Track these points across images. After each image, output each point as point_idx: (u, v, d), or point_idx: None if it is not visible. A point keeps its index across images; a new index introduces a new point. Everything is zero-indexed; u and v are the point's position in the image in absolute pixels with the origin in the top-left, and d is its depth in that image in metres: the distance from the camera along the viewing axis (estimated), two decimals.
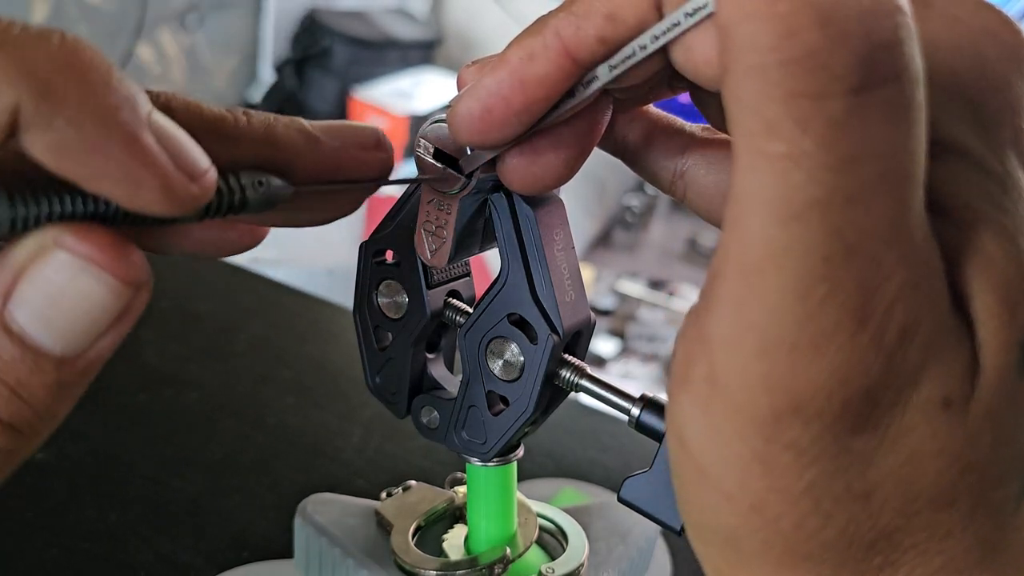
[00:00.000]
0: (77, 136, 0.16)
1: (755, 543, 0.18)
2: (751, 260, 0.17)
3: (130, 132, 0.17)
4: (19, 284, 0.17)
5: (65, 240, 0.17)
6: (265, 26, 2.10)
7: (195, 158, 0.18)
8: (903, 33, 0.16)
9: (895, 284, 0.16)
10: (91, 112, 0.16)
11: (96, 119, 0.16)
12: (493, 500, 0.32)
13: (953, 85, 0.18)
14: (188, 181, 0.18)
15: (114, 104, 0.17)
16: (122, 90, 0.17)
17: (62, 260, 0.17)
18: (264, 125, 0.21)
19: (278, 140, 0.22)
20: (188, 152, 0.18)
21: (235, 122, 0.21)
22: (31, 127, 0.16)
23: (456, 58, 2.54)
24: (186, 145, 0.18)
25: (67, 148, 0.16)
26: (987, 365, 0.17)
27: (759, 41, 0.16)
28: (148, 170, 0.17)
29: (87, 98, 0.16)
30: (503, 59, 0.21)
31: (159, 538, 0.45)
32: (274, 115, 0.22)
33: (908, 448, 0.17)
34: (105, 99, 0.16)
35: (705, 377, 0.18)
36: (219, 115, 0.21)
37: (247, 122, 0.21)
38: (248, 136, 0.21)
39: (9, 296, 0.17)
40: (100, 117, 0.16)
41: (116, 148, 0.17)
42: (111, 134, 0.16)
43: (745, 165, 0.16)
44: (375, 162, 0.24)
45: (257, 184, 0.20)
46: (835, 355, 0.16)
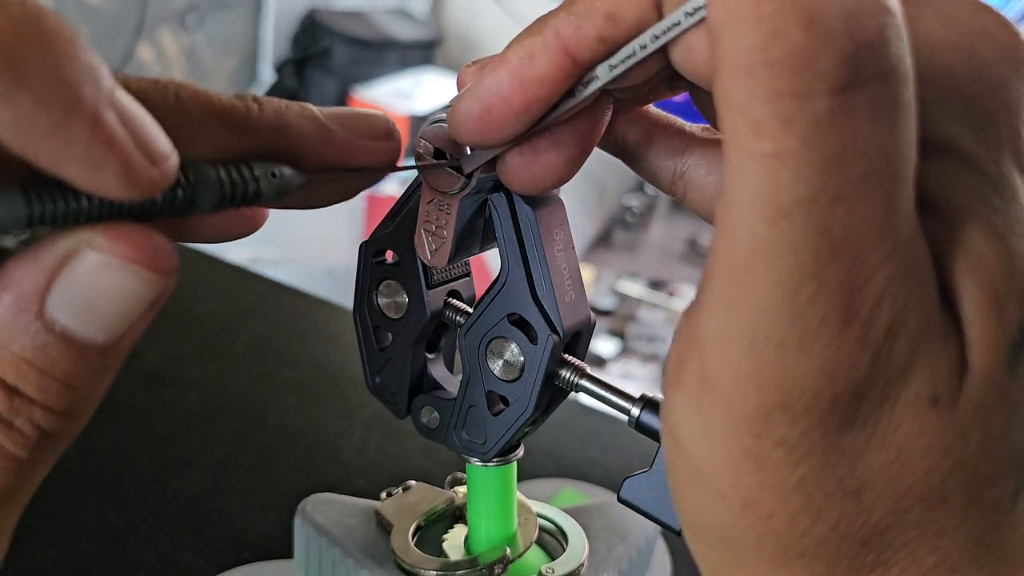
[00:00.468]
0: (40, 112, 0.15)
1: (749, 541, 0.19)
2: (740, 258, 0.17)
3: (93, 109, 0.16)
4: (55, 285, 0.17)
5: (96, 241, 0.17)
6: (265, 26, 2.10)
7: (157, 141, 0.17)
8: (889, 33, 0.16)
9: (882, 281, 0.16)
10: (56, 86, 0.15)
11: (61, 94, 0.15)
12: (493, 500, 0.32)
13: (950, 85, 0.18)
14: (149, 165, 0.17)
15: (78, 78, 0.16)
16: (86, 62, 0.16)
17: (95, 260, 0.17)
18: (276, 114, 0.21)
19: (289, 129, 0.21)
20: (150, 134, 0.17)
21: (246, 111, 0.21)
22: None
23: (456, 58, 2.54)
24: (148, 126, 0.17)
25: (30, 126, 0.15)
26: (975, 363, 0.17)
27: (746, 42, 0.16)
28: (109, 151, 0.16)
29: (52, 71, 0.15)
30: (503, 59, 0.21)
31: (159, 538, 0.45)
32: (286, 102, 0.21)
33: (897, 444, 0.17)
34: (71, 72, 0.15)
35: (697, 374, 0.18)
36: (229, 104, 0.20)
37: (259, 111, 0.21)
38: (260, 125, 0.21)
39: (46, 297, 0.17)
40: (64, 92, 0.15)
41: (78, 126, 0.16)
42: (75, 111, 0.16)
43: (734, 165, 0.17)
44: (384, 151, 0.23)
45: (271, 175, 0.20)
46: (822, 352, 0.17)
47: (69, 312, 0.18)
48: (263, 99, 0.21)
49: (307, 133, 0.22)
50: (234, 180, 0.20)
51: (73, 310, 0.18)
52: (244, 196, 0.20)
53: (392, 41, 2.28)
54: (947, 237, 0.18)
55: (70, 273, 0.17)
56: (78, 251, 0.17)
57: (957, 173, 0.18)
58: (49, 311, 0.17)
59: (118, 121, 0.16)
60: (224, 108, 0.20)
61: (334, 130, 0.22)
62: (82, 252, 0.17)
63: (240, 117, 0.20)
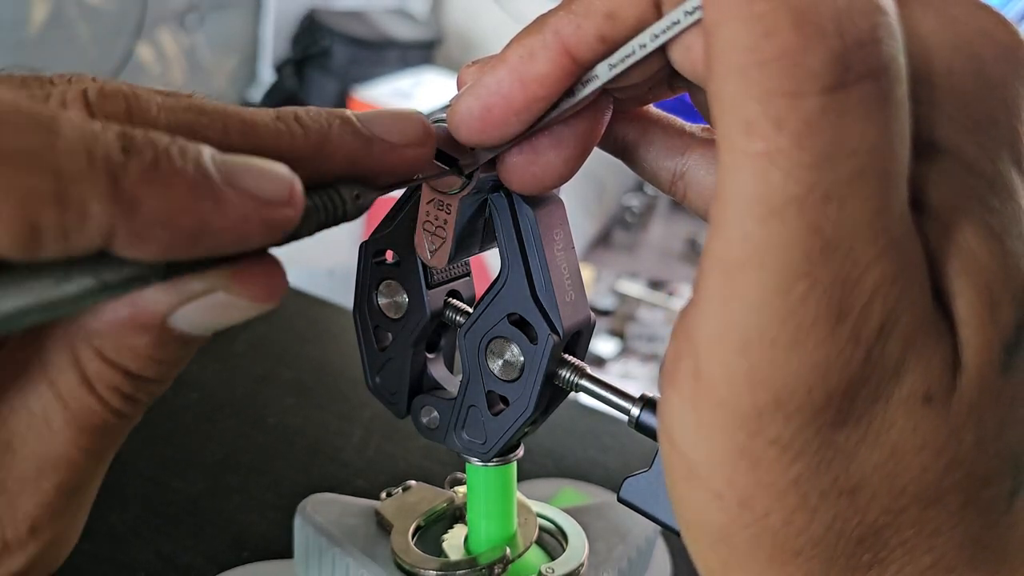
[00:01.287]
0: (178, 239, 0.17)
1: (745, 540, 0.19)
2: (732, 258, 0.17)
3: (217, 202, 0.17)
4: (185, 307, 0.19)
5: (231, 287, 0.19)
6: (265, 26, 2.10)
7: (280, 186, 0.19)
8: (881, 32, 0.16)
9: (873, 279, 0.16)
10: (183, 214, 0.17)
11: (189, 218, 0.17)
12: (493, 500, 0.32)
13: (948, 85, 0.18)
14: (281, 206, 0.19)
15: (197, 196, 0.17)
16: (193, 169, 0.17)
17: (223, 299, 0.20)
18: (319, 134, 0.21)
19: (332, 148, 0.21)
20: (272, 184, 0.19)
21: (291, 137, 0.20)
22: (131, 244, 0.17)
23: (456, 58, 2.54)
24: (267, 176, 0.19)
25: (172, 249, 0.17)
26: (969, 362, 0.17)
27: (738, 41, 0.16)
28: (247, 225, 0.18)
29: (175, 203, 0.17)
30: (503, 58, 0.21)
31: (159, 538, 0.45)
32: (327, 118, 0.21)
33: (891, 443, 0.17)
34: (190, 195, 0.17)
35: (691, 374, 0.18)
36: (275, 131, 0.20)
37: (303, 135, 0.21)
38: (305, 151, 0.21)
39: (174, 312, 0.20)
40: (193, 216, 0.17)
41: (214, 227, 0.18)
42: (207, 222, 0.17)
43: (726, 164, 0.17)
44: (421, 157, 0.23)
45: (355, 197, 0.22)
46: (815, 350, 0.17)
47: (190, 324, 0.20)
48: (305, 118, 0.21)
49: (349, 149, 0.21)
50: (327, 206, 0.21)
51: (195, 324, 0.20)
52: (334, 218, 0.21)
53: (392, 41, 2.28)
54: (941, 237, 0.18)
55: (198, 304, 0.19)
56: (212, 291, 0.19)
57: (953, 173, 0.18)
58: (173, 323, 0.20)
59: (240, 197, 0.18)
60: (270, 135, 0.20)
61: (374, 141, 0.22)
62: (215, 292, 0.19)
63: (287, 147, 0.20)
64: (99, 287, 0.17)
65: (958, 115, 0.18)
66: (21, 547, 0.21)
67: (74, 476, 0.21)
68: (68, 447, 0.21)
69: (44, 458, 0.21)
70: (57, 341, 0.20)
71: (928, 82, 0.18)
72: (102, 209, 0.16)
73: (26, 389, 0.20)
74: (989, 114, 0.18)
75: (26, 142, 0.15)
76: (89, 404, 0.20)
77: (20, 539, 0.21)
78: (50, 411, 0.20)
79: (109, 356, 0.20)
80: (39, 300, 0.16)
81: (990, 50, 0.18)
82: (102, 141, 0.16)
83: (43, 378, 0.20)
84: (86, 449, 0.21)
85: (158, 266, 0.18)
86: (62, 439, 0.20)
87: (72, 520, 0.22)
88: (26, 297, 0.16)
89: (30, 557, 0.21)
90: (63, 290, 0.17)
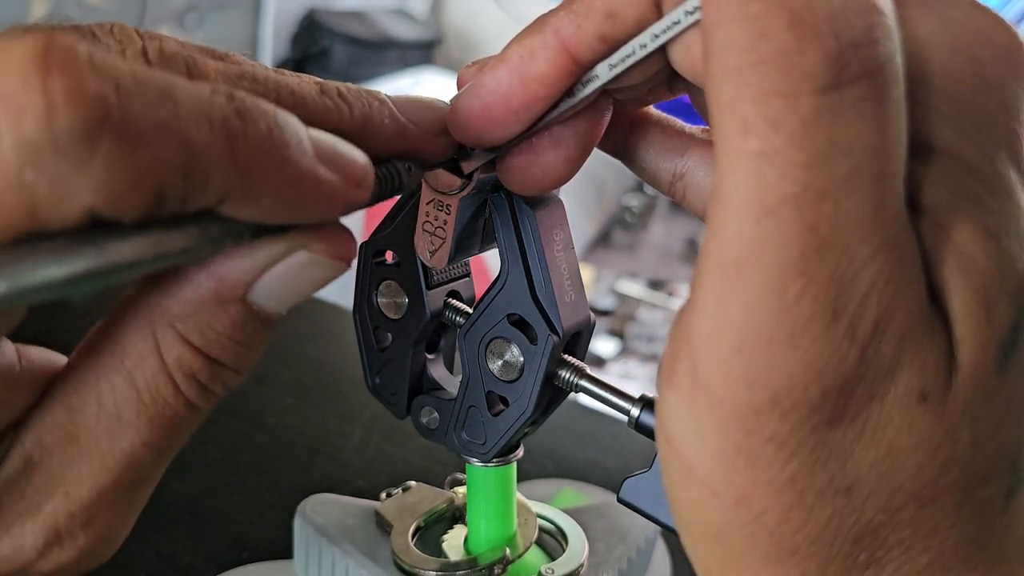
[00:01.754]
0: (278, 205, 0.18)
1: (742, 539, 0.19)
2: (729, 257, 0.17)
3: (313, 181, 0.18)
4: (264, 277, 0.20)
5: (313, 244, 0.20)
6: (264, 26, 2.10)
7: (357, 167, 0.20)
8: (877, 32, 0.16)
9: (868, 278, 0.16)
10: (286, 185, 0.18)
11: (291, 189, 0.18)
12: (493, 500, 0.32)
13: (947, 86, 0.18)
14: (358, 189, 0.20)
15: (300, 169, 0.18)
16: (298, 144, 0.18)
17: (305, 258, 0.20)
18: (363, 115, 0.22)
19: (373, 128, 0.22)
20: (352, 165, 0.20)
21: (339, 114, 0.21)
22: (238, 206, 0.18)
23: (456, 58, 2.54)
24: (349, 157, 0.20)
25: (270, 214, 0.18)
26: (964, 361, 0.17)
27: (734, 42, 0.16)
28: (333, 200, 0.19)
29: (282, 173, 0.18)
30: (503, 57, 0.21)
31: (159, 538, 0.45)
32: (367, 98, 0.22)
33: (887, 441, 0.17)
34: (297, 168, 0.18)
35: (688, 373, 0.18)
36: (324, 107, 0.21)
37: (349, 113, 0.21)
38: (349, 128, 0.21)
39: (253, 285, 0.20)
40: (294, 187, 0.18)
41: (308, 201, 0.19)
42: (303, 193, 0.18)
43: (723, 164, 0.17)
44: (447, 147, 0.24)
45: (408, 169, 0.23)
46: (810, 348, 0.17)
47: (268, 296, 0.20)
48: (349, 96, 0.22)
49: (388, 132, 0.22)
50: (386, 176, 0.22)
51: (273, 295, 0.20)
52: (391, 190, 0.22)
53: (392, 41, 2.28)
54: (937, 236, 0.18)
55: (280, 268, 0.20)
56: (292, 251, 0.20)
57: (950, 173, 0.18)
58: (252, 297, 0.20)
59: (328, 172, 0.19)
60: (319, 111, 0.21)
61: (409, 127, 0.23)
62: (296, 252, 0.20)
63: (335, 123, 0.21)
64: (203, 241, 0.18)
65: (956, 116, 0.18)
66: (73, 539, 0.21)
67: (135, 472, 0.21)
68: (135, 442, 0.21)
69: (108, 453, 0.21)
70: (138, 328, 0.20)
71: (926, 83, 0.18)
72: (221, 175, 0.17)
73: (100, 381, 0.21)
74: (988, 115, 0.18)
75: (155, 115, 0.16)
76: (165, 395, 0.21)
77: (73, 532, 0.21)
78: (122, 403, 0.20)
79: (191, 339, 0.20)
80: (147, 253, 0.17)
81: (989, 52, 0.18)
82: (217, 107, 0.17)
83: (119, 368, 0.20)
84: (153, 445, 0.21)
85: (248, 226, 0.19)
86: (130, 434, 0.21)
87: (126, 515, 0.22)
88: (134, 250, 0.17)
89: (81, 549, 0.21)
90: (169, 243, 0.17)
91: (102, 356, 0.21)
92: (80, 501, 0.21)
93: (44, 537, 0.21)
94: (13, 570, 0.21)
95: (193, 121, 0.16)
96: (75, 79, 0.15)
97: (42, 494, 0.21)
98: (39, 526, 0.21)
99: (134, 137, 0.15)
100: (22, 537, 0.21)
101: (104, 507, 0.21)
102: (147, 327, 0.20)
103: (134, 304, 0.21)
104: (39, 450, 0.21)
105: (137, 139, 0.15)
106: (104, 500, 0.21)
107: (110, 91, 0.15)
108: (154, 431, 0.21)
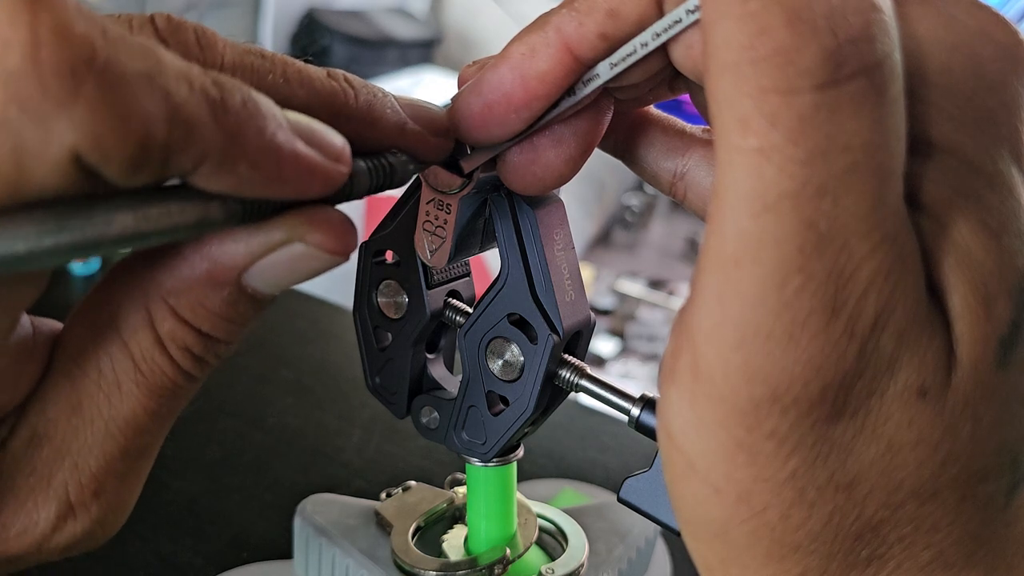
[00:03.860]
0: (256, 175, 0.18)
1: (743, 535, 0.19)
2: (728, 253, 0.17)
3: (291, 152, 0.18)
4: (260, 262, 0.20)
5: (311, 236, 0.20)
6: (264, 25, 2.10)
7: (335, 141, 0.19)
8: (875, 29, 0.16)
9: (867, 273, 0.17)
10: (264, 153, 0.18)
11: (269, 158, 0.18)
12: (493, 500, 0.32)
13: (947, 84, 0.18)
14: (336, 164, 0.19)
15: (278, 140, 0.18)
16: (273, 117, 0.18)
17: (301, 250, 0.20)
18: (367, 103, 0.22)
19: (375, 117, 0.22)
20: (328, 139, 0.19)
21: (345, 98, 0.21)
22: (217, 171, 0.17)
23: (455, 57, 2.54)
24: (325, 133, 0.19)
25: (246, 184, 0.18)
26: (963, 357, 0.17)
27: (733, 39, 0.16)
28: (312, 174, 0.19)
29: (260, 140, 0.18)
30: (504, 55, 0.21)
31: (159, 538, 0.45)
32: (372, 88, 0.22)
33: (887, 437, 0.17)
34: (273, 137, 0.18)
35: (689, 369, 0.18)
36: (330, 89, 0.21)
37: (355, 98, 0.21)
38: (353, 113, 0.21)
39: (248, 269, 0.20)
40: (272, 156, 0.18)
41: (287, 172, 0.18)
42: (281, 165, 0.18)
43: (722, 161, 0.17)
44: (443, 148, 0.24)
45: (403, 163, 0.22)
46: (809, 343, 0.17)
47: (263, 281, 0.20)
48: (354, 82, 0.22)
49: (390, 123, 0.22)
50: (377, 168, 0.22)
51: (268, 280, 0.20)
52: (386, 183, 0.22)
53: (391, 40, 2.28)
54: (937, 233, 0.18)
55: (276, 256, 0.20)
56: (290, 241, 0.20)
57: (951, 170, 0.18)
58: (247, 280, 0.20)
59: (306, 147, 0.19)
60: (326, 93, 0.21)
61: (408, 123, 0.23)
62: (293, 242, 0.20)
63: (340, 105, 0.21)
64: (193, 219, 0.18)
65: (957, 113, 0.18)
66: (85, 510, 0.21)
67: (139, 439, 0.22)
68: (136, 410, 0.21)
69: (111, 420, 0.21)
70: (133, 302, 0.21)
71: (926, 80, 0.18)
72: (203, 131, 0.17)
73: (98, 351, 0.21)
74: (988, 113, 0.18)
75: (140, 65, 0.16)
76: (161, 365, 0.21)
77: (84, 502, 0.21)
78: (121, 373, 0.21)
79: (183, 315, 0.20)
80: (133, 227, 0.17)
81: (989, 49, 0.18)
82: (196, 72, 0.17)
83: (116, 339, 0.21)
84: (153, 412, 0.21)
85: (236, 210, 0.19)
86: (131, 401, 0.21)
87: (132, 484, 0.23)
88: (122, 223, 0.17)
89: (93, 520, 0.22)
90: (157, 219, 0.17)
91: (99, 326, 0.21)
92: (89, 470, 0.21)
93: (56, 509, 0.21)
94: (29, 545, 0.21)
95: (174, 78, 0.16)
96: (62, 18, 0.15)
97: (51, 466, 0.21)
98: (51, 499, 0.21)
99: (118, 81, 0.15)
100: (35, 511, 0.21)
101: (112, 476, 0.22)
102: (141, 299, 0.21)
103: (127, 273, 0.21)
104: (44, 422, 0.21)
105: (121, 83, 0.15)
106: (112, 468, 0.21)
107: (96, 34, 0.15)
108: (153, 398, 0.21)
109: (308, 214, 0.20)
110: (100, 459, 0.21)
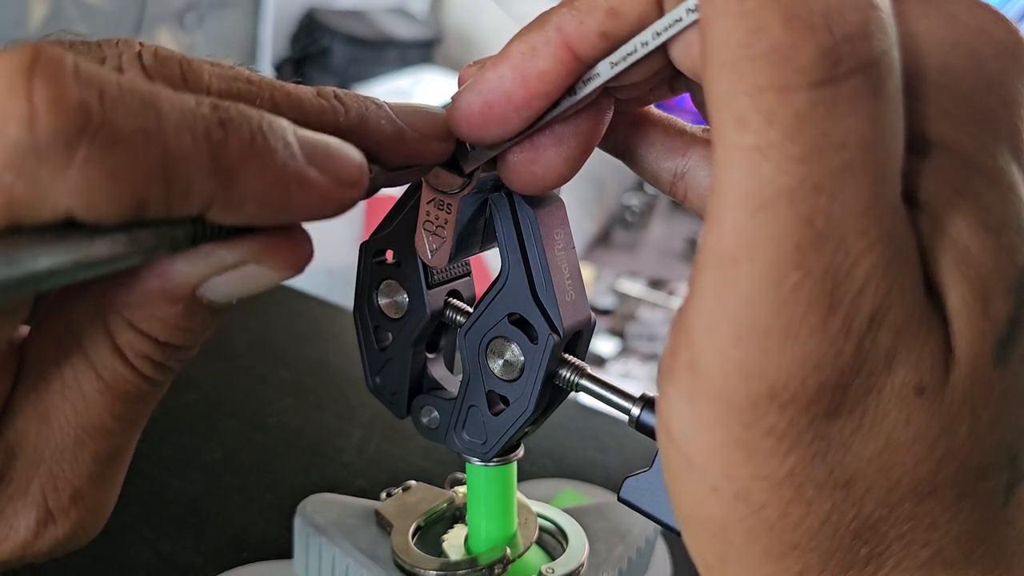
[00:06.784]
0: (265, 209, 0.18)
1: (742, 533, 0.19)
2: (726, 250, 0.17)
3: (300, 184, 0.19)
4: (216, 279, 0.20)
5: (263, 259, 0.20)
6: (264, 25, 2.10)
7: (350, 166, 0.20)
8: (872, 26, 0.16)
9: (865, 270, 0.17)
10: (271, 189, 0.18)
11: (276, 193, 0.18)
12: (493, 500, 0.32)
13: (947, 82, 0.18)
14: (350, 187, 0.20)
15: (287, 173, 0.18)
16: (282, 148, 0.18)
17: (254, 270, 0.20)
18: (359, 116, 0.22)
19: (369, 130, 0.22)
20: (346, 163, 0.20)
21: (335, 114, 0.21)
22: (224, 212, 0.18)
23: (455, 57, 2.54)
24: (342, 157, 0.20)
25: (256, 219, 0.18)
26: (961, 355, 0.17)
27: (730, 37, 0.16)
28: (324, 202, 0.19)
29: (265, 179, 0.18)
30: (505, 54, 0.21)
31: (159, 538, 0.45)
32: (364, 101, 0.22)
33: (885, 434, 0.17)
34: (283, 170, 0.18)
35: (687, 367, 0.18)
36: (319, 107, 0.21)
37: (345, 114, 0.22)
38: (345, 128, 0.22)
39: (204, 283, 0.20)
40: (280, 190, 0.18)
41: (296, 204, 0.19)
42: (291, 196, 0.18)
43: (720, 158, 0.17)
44: (444, 151, 0.24)
45: (379, 173, 0.22)
46: (807, 340, 0.17)
47: (217, 293, 0.20)
48: (345, 98, 0.22)
49: (385, 134, 0.22)
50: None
51: (220, 294, 0.20)
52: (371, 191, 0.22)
53: (391, 40, 2.28)
54: (935, 230, 0.18)
55: (229, 274, 0.20)
56: (244, 263, 0.20)
57: (950, 168, 0.18)
58: (203, 292, 0.20)
59: (319, 174, 0.19)
60: (315, 111, 0.21)
61: (406, 130, 0.23)
62: (248, 263, 0.20)
63: (331, 124, 0.21)
64: (130, 249, 0.17)
65: (956, 111, 0.18)
66: (64, 514, 0.22)
67: (110, 443, 0.22)
68: (103, 415, 0.21)
69: (80, 427, 0.21)
70: (89, 314, 0.21)
71: (924, 78, 0.18)
72: (202, 184, 0.17)
73: (61, 361, 0.21)
74: (988, 110, 0.18)
75: (137, 123, 0.16)
76: (121, 373, 0.21)
77: (62, 508, 0.22)
78: (84, 382, 0.21)
79: (140, 326, 0.21)
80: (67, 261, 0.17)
81: (989, 47, 0.18)
82: (200, 116, 0.17)
83: (76, 349, 0.21)
84: (120, 416, 0.22)
85: (187, 234, 0.18)
86: (97, 408, 0.21)
87: (109, 487, 0.23)
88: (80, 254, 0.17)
89: (72, 525, 0.22)
90: (92, 250, 0.17)
91: (59, 336, 0.21)
92: (64, 477, 0.22)
93: (36, 516, 0.22)
94: (11, 551, 0.22)
95: (174, 130, 0.17)
96: (58, 88, 0.15)
97: (27, 475, 0.21)
98: (29, 506, 0.21)
99: (113, 144, 0.16)
100: (15, 518, 0.21)
101: (87, 480, 0.22)
102: (97, 313, 0.21)
103: (84, 285, 0.21)
104: (15, 433, 0.21)
105: (116, 146, 0.16)
106: (86, 473, 0.22)
107: (93, 99, 0.16)
108: (118, 404, 0.21)
109: (264, 240, 0.20)
110: (74, 465, 0.22)
